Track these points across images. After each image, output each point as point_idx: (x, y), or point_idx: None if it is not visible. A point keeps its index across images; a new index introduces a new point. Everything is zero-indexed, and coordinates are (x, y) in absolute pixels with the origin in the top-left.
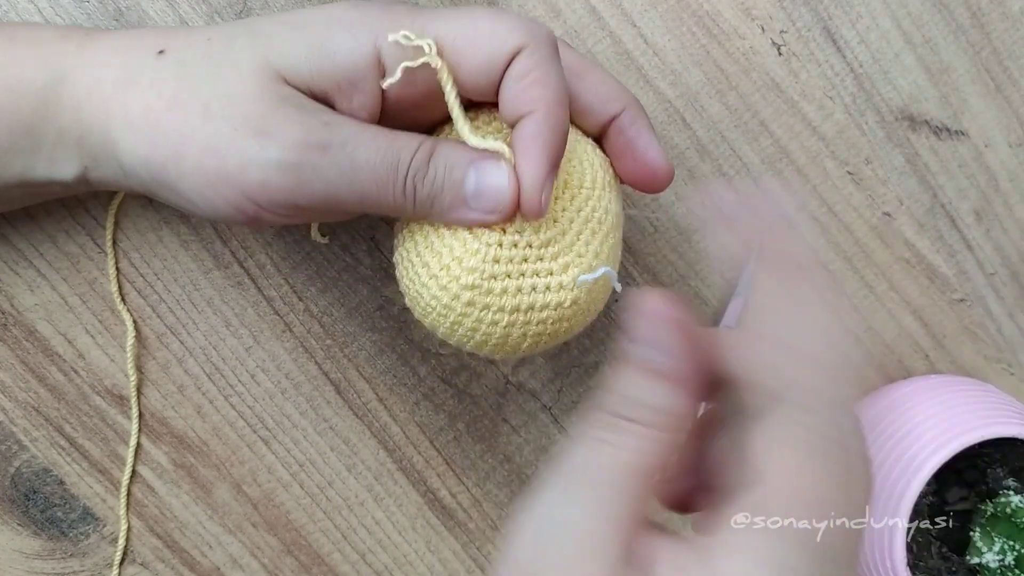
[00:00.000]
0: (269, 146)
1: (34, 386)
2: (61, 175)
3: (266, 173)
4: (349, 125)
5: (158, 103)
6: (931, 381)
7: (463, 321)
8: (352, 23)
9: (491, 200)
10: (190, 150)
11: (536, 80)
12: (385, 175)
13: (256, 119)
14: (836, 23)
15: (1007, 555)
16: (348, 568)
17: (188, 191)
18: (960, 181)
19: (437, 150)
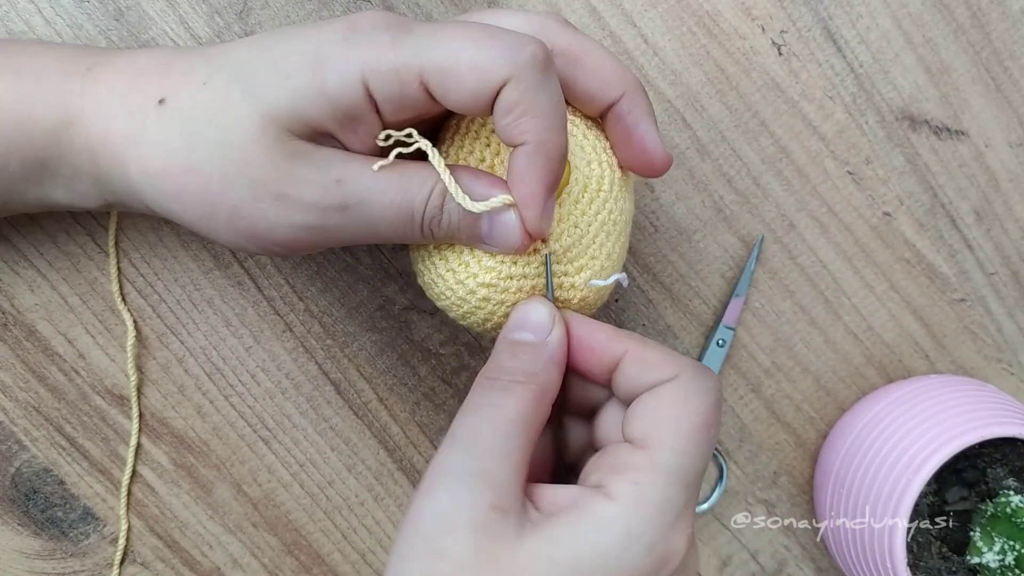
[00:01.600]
0: (291, 211)
1: (34, 386)
2: (82, 204)
3: (294, 233)
4: (360, 178)
5: (173, 166)
6: (931, 381)
7: (476, 312)
8: (339, 60)
9: (505, 237)
10: (219, 212)
11: (524, 112)
12: (402, 224)
13: (272, 184)
14: (836, 23)
15: (1007, 555)
16: (348, 568)
17: (222, 239)
18: (960, 181)
19: (446, 199)
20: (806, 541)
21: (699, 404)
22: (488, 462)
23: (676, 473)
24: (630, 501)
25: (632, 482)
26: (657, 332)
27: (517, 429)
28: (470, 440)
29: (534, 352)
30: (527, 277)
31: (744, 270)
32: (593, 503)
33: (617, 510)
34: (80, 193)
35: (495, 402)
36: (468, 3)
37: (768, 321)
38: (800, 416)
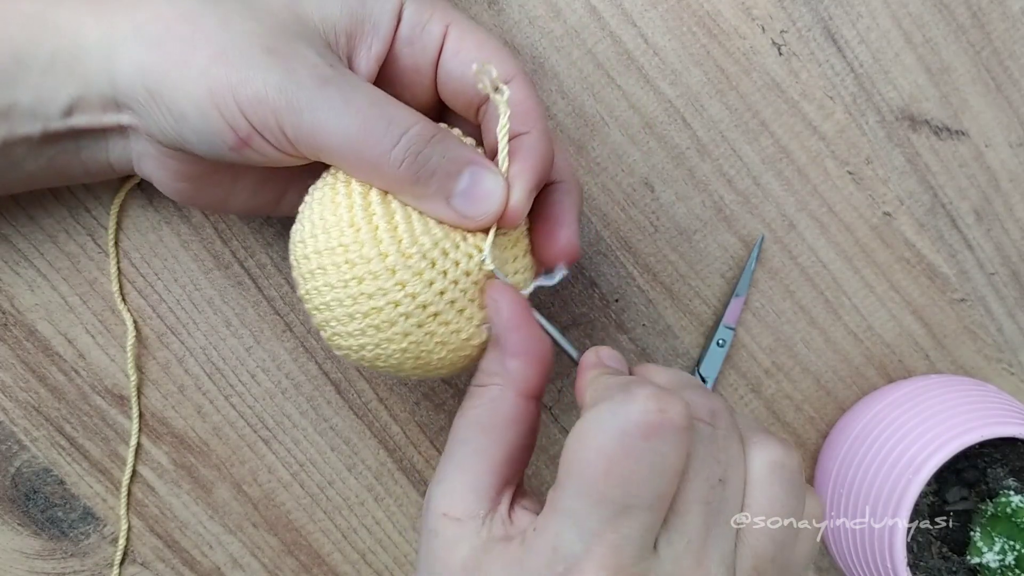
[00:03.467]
0: (274, 66)
1: (34, 386)
2: (47, 106)
3: (266, 89)
4: (356, 77)
5: (171, 13)
6: (931, 381)
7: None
8: None
9: (476, 205)
10: (198, 56)
11: (530, 108)
12: (374, 128)
13: (270, 38)
14: (836, 23)
15: (1007, 555)
16: (348, 568)
17: (183, 101)
18: (960, 181)
19: (441, 136)
20: None
21: (601, 439)
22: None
23: (569, 519)
24: (527, 546)
25: (534, 526)
26: (657, 332)
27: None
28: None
29: (491, 351)
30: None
31: (744, 270)
32: (513, 543)
33: (517, 555)
34: (48, 90)
35: (463, 406)
36: (468, 3)
37: (768, 321)
38: (800, 416)
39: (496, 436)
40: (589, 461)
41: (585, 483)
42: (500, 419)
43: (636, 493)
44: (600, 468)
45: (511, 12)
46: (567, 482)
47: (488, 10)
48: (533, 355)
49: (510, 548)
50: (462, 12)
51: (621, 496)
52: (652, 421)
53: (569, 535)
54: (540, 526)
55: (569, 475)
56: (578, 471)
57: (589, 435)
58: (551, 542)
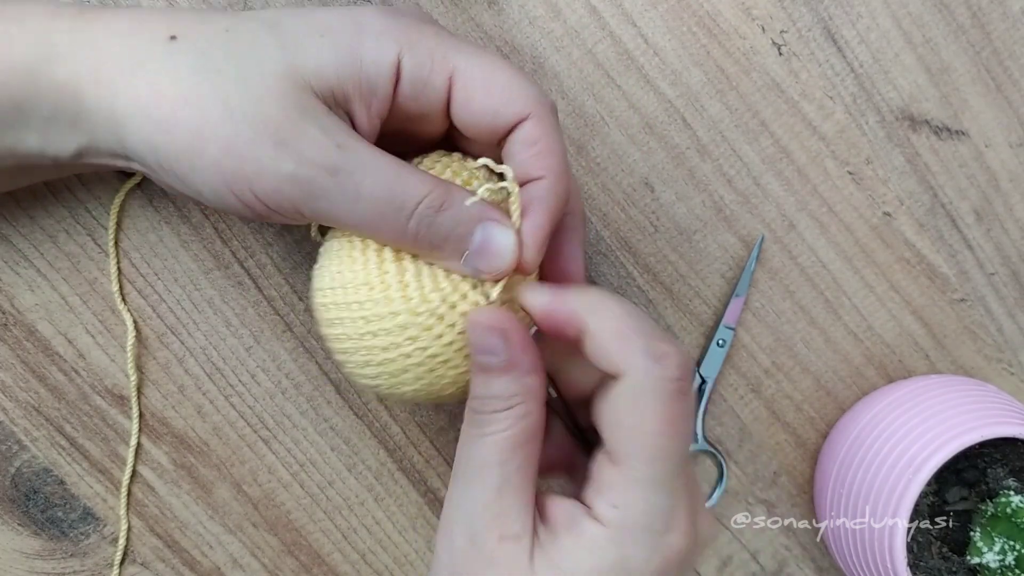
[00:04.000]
0: (285, 158)
1: (34, 386)
2: (55, 151)
3: (279, 184)
4: (362, 153)
5: (173, 92)
6: (931, 381)
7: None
8: (380, 31)
9: (488, 261)
10: (209, 148)
11: (545, 149)
12: (386, 212)
13: (276, 127)
14: (836, 23)
15: (1007, 555)
16: (348, 568)
17: (200, 184)
18: (960, 181)
19: (450, 201)
20: (806, 541)
21: (655, 405)
22: (488, 493)
23: (652, 484)
24: (616, 525)
25: (612, 505)
26: None
27: (508, 457)
28: (469, 476)
29: (503, 375)
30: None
31: (744, 270)
32: (584, 526)
33: (607, 535)
34: (55, 140)
35: (484, 432)
36: (468, 3)
37: (768, 321)
38: (800, 416)
39: (532, 448)
40: (656, 429)
41: (658, 449)
42: (532, 432)
43: (688, 441)
44: (667, 433)
45: (511, 12)
46: (637, 452)
47: (488, 10)
48: (542, 368)
49: (586, 536)
50: (464, 47)
51: (683, 448)
52: (684, 383)
53: (657, 497)
54: (623, 503)
55: (637, 445)
56: (647, 441)
57: (645, 407)
58: (642, 508)
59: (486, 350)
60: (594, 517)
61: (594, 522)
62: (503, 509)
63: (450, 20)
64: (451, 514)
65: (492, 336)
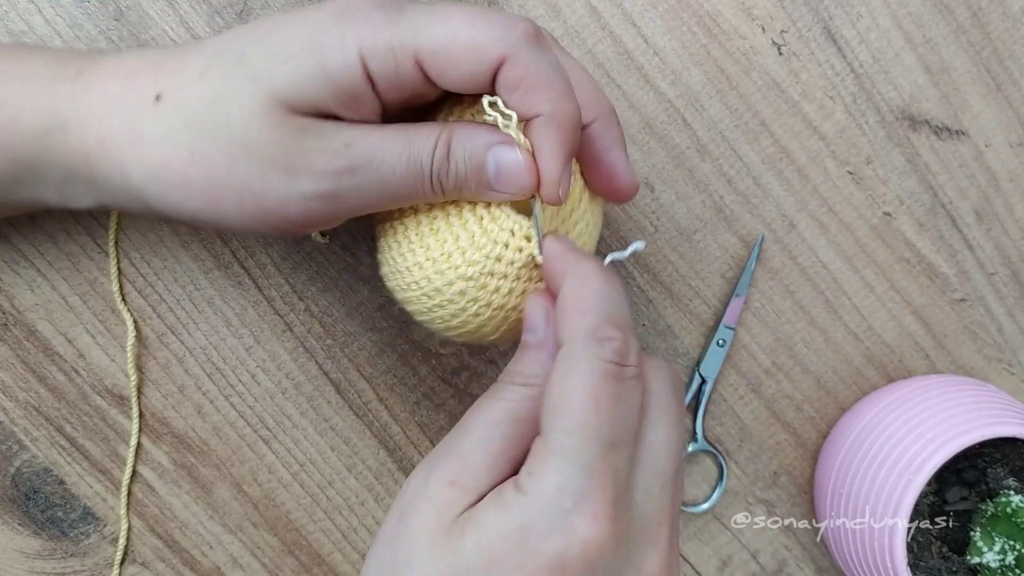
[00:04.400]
0: (302, 181)
1: (35, 386)
2: (76, 205)
3: (307, 204)
4: (368, 138)
5: (178, 157)
6: (931, 381)
7: (446, 307)
8: (337, 44)
9: (512, 179)
10: (227, 196)
11: (530, 86)
12: (413, 179)
13: (280, 157)
14: (836, 23)
15: (1007, 555)
16: (348, 568)
17: (230, 226)
18: (960, 181)
19: (454, 141)
20: (806, 541)
21: (583, 379)
22: (464, 443)
23: (566, 457)
24: (525, 491)
25: (528, 472)
26: (657, 332)
27: (502, 421)
28: (456, 430)
29: (533, 354)
30: (507, 277)
31: (744, 270)
32: (505, 491)
33: (517, 499)
34: (73, 195)
35: (492, 397)
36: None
37: (768, 321)
38: (800, 416)
39: (526, 430)
40: (580, 402)
41: (577, 422)
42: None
43: (621, 429)
44: (590, 407)
45: (511, 12)
46: (557, 423)
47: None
48: None
49: (501, 498)
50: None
51: (610, 432)
52: (620, 368)
53: (570, 471)
54: (535, 469)
55: (558, 416)
56: (568, 412)
57: (573, 379)
58: (553, 480)
59: (530, 326)
60: (515, 485)
61: (513, 488)
62: (467, 462)
63: None
64: (425, 458)
65: (536, 314)
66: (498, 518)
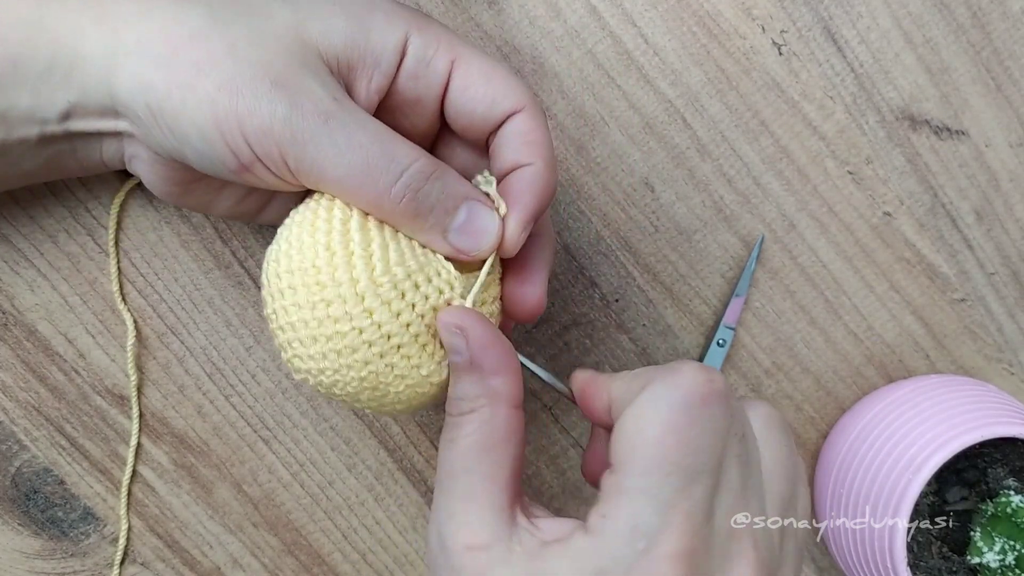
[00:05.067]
0: (280, 98)
1: (35, 386)
2: (44, 111)
3: (272, 122)
4: (357, 111)
5: (179, 31)
6: (931, 381)
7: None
8: (391, 11)
9: (471, 240)
10: (205, 83)
11: (537, 140)
12: (375, 166)
13: (277, 70)
14: (836, 23)
15: (1008, 555)
16: (349, 568)
17: (187, 124)
18: (961, 181)
19: (440, 172)
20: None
21: (661, 412)
22: (453, 501)
23: (641, 495)
24: (599, 534)
25: (601, 515)
26: (658, 332)
27: (474, 462)
28: (441, 482)
29: (466, 376)
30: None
31: (744, 270)
32: (574, 538)
33: (590, 544)
34: (45, 97)
35: (451, 439)
36: (468, 3)
37: (768, 321)
38: (800, 416)
39: (500, 454)
40: (656, 437)
41: (654, 458)
42: (499, 437)
43: (703, 459)
44: (670, 441)
45: (511, 12)
46: (631, 462)
47: (488, 10)
48: (512, 368)
49: (571, 545)
50: (467, 43)
51: (691, 464)
52: (706, 390)
53: (646, 511)
54: (610, 512)
55: (633, 455)
56: (643, 449)
57: (650, 413)
58: (628, 522)
59: (452, 348)
60: (584, 529)
61: (582, 532)
62: (469, 519)
63: (450, 20)
64: (431, 518)
65: (454, 334)
66: (567, 567)
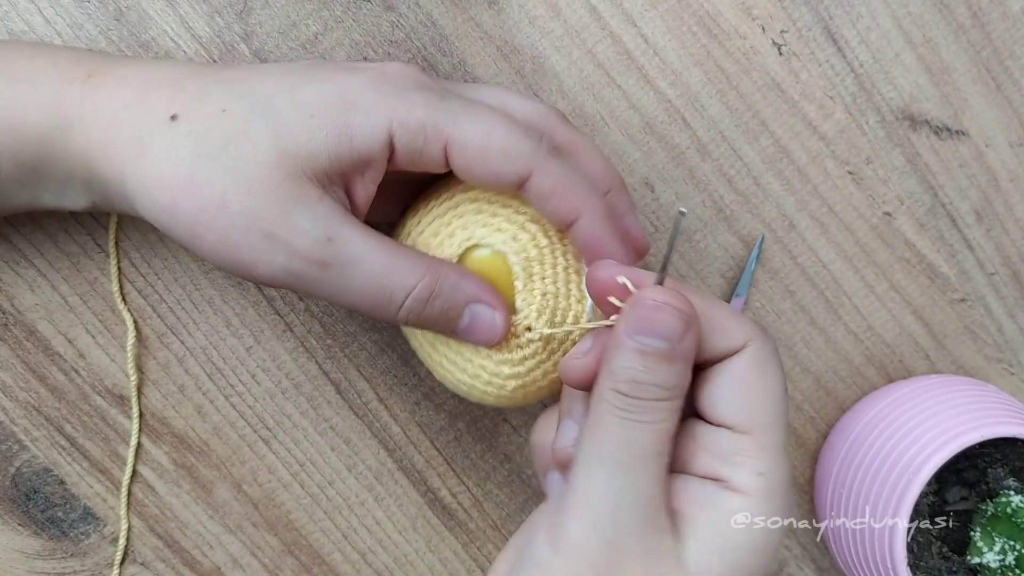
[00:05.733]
0: (277, 252)
1: (35, 386)
2: (70, 206)
3: (274, 274)
4: (352, 244)
5: (174, 181)
6: (931, 381)
7: (513, 397)
8: (369, 107)
9: (478, 337)
10: (206, 236)
11: (563, 195)
12: (377, 301)
13: (268, 219)
14: (837, 23)
15: (1008, 555)
16: (349, 568)
17: (203, 256)
18: (961, 181)
19: (439, 289)
20: (806, 541)
21: (776, 372)
22: (652, 487)
23: (783, 448)
24: (763, 493)
25: (756, 472)
26: None
27: (666, 447)
28: (623, 463)
29: (669, 361)
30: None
31: (744, 270)
32: (725, 501)
33: (755, 504)
34: (69, 197)
35: (641, 420)
36: (468, 3)
37: (768, 321)
38: (800, 416)
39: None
40: (780, 395)
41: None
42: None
43: None
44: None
45: (511, 12)
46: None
47: (488, 10)
48: None
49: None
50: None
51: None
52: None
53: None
54: (766, 468)
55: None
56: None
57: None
58: (784, 472)
59: (655, 332)
60: (733, 489)
61: (734, 494)
62: (659, 502)
63: (450, 20)
64: (589, 502)
65: (670, 318)
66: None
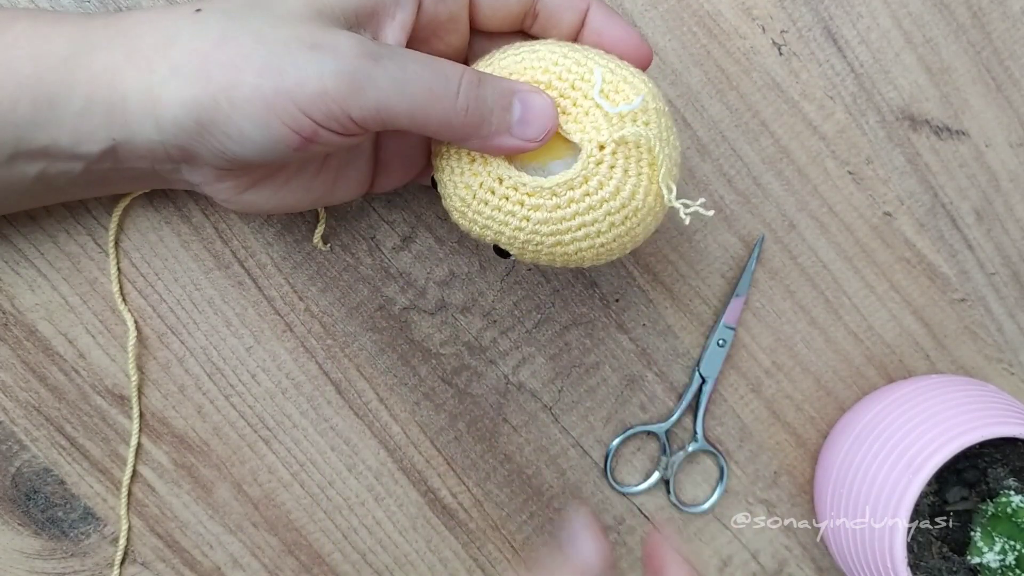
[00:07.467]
0: (325, 58)
1: (35, 386)
2: (86, 148)
3: (324, 83)
4: (398, 46)
5: (205, 44)
6: (931, 381)
7: (542, 244)
8: None
9: (534, 127)
10: (246, 76)
11: None
12: (437, 87)
13: (308, 37)
14: (837, 23)
15: (1008, 555)
16: (349, 568)
17: (241, 121)
18: (961, 181)
19: (485, 78)
20: (806, 541)
21: None
22: None
23: None
24: None
25: None
26: (657, 332)
27: None
28: None
29: None
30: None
31: (744, 270)
32: None
33: None
34: (87, 134)
35: None
36: None
37: (768, 321)
38: (800, 416)
39: None
40: None
41: None
42: None
43: None
44: None
45: None
46: None
47: None
48: None
49: None
50: None
51: None
52: None
53: None
54: None
55: None
56: None
57: None
58: None
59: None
60: None
61: None
62: None
63: None
64: None
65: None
66: None
